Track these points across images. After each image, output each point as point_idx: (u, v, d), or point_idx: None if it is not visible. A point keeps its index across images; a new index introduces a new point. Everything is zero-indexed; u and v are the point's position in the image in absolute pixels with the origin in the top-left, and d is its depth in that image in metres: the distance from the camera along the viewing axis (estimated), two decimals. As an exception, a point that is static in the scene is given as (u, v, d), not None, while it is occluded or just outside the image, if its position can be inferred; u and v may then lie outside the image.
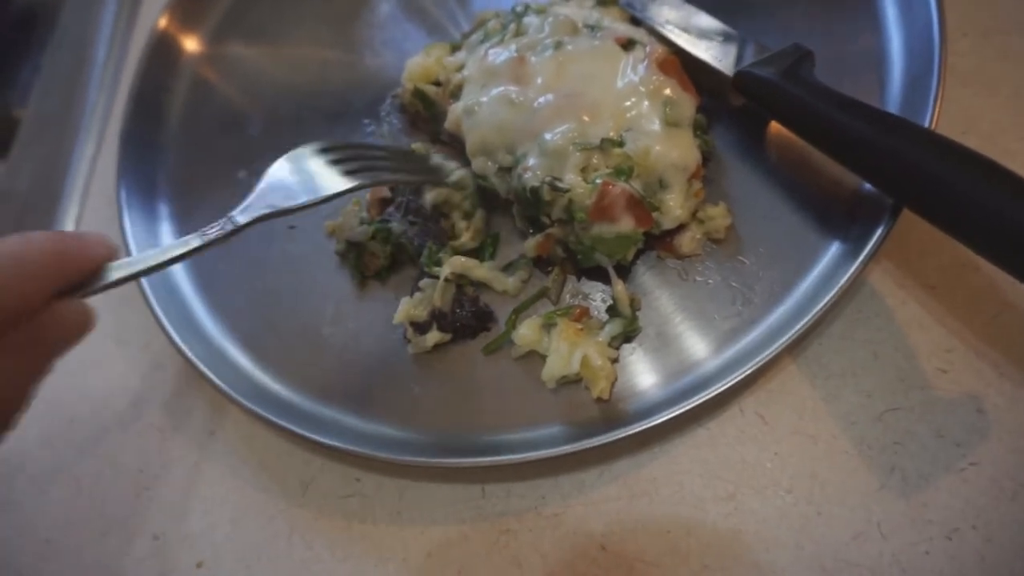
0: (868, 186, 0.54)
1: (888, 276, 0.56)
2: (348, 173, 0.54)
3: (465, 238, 0.62)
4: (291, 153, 0.55)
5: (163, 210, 0.73)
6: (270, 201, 0.51)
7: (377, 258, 0.64)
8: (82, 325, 0.44)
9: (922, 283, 0.55)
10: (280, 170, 0.54)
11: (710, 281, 0.57)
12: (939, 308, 0.54)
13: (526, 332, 0.57)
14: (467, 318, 0.59)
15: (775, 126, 0.60)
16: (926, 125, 0.53)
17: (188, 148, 0.77)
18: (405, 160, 0.62)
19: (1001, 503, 0.48)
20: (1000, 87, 0.59)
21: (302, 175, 0.53)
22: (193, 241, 0.47)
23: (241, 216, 0.50)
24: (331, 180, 0.53)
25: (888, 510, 0.50)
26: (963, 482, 0.49)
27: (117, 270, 0.44)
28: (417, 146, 0.67)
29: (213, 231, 0.48)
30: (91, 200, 0.82)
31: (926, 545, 0.49)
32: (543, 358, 0.56)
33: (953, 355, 0.53)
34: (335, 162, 0.55)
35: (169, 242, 0.64)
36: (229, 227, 0.49)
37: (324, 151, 0.56)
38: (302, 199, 0.52)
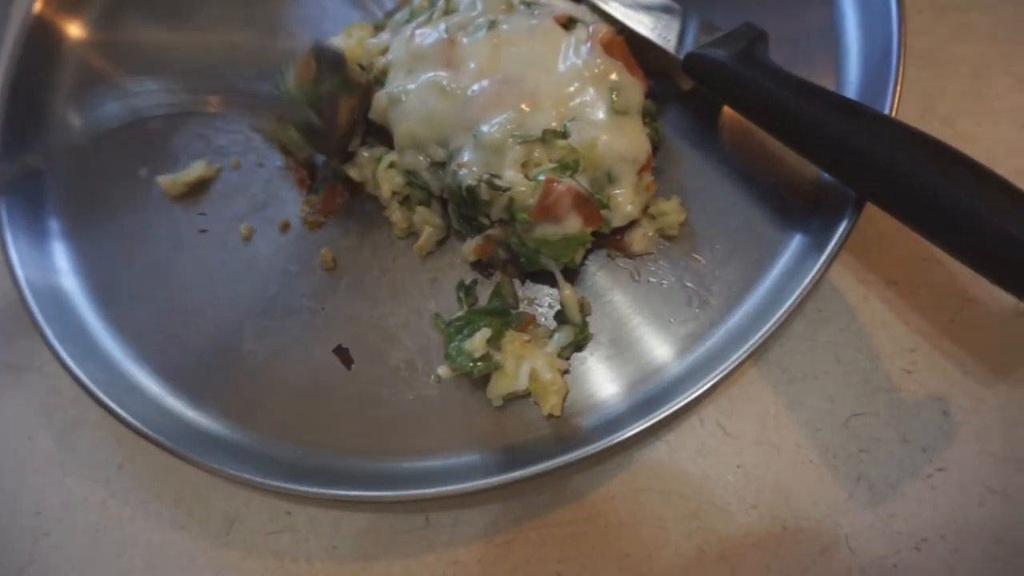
0: (829, 176, 0.51)
1: (849, 271, 0.53)
2: None
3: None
4: None
5: (54, 226, 0.65)
6: None
7: None
8: None
9: (884, 278, 0.52)
10: None
11: (664, 282, 0.53)
12: (902, 304, 0.51)
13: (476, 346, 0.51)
14: None
15: (728, 111, 0.56)
16: (886, 111, 0.50)
17: (79, 149, 0.68)
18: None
19: (969, 510, 0.47)
20: (958, 67, 0.56)
21: None
22: None
23: None
24: None
25: (856, 522, 0.47)
26: (930, 489, 0.47)
27: None
28: None
29: None
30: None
31: (894, 558, 0.46)
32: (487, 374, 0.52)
33: (917, 354, 0.50)
34: None
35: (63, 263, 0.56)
36: None
37: None
38: None
